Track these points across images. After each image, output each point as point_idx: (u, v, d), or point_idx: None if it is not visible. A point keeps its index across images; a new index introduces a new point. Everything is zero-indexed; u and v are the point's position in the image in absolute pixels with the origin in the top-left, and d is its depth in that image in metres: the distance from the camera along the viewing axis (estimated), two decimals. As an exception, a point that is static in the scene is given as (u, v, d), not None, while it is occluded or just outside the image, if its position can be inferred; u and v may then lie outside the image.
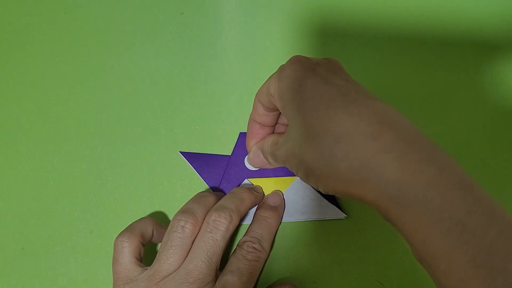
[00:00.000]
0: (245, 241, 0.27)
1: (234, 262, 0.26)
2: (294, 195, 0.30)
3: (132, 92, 0.35)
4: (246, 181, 0.31)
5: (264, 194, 0.30)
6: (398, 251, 0.30)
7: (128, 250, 0.25)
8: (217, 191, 0.31)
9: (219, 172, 0.31)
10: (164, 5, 0.37)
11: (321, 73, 0.22)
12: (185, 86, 0.35)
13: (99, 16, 0.37)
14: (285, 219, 0.30)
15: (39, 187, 0.32)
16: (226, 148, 0.33)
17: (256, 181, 0.31)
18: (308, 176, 0.22)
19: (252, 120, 0.28)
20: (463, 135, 0.34)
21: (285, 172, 0.31)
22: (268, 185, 0.31)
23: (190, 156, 0.32)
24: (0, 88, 0.35)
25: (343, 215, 0.30)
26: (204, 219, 0.26)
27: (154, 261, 0.25)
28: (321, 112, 0.20)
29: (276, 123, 0.28)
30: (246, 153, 0.31)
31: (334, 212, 0.30)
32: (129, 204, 0.31)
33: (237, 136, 0.32)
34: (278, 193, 0.30)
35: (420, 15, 0.37)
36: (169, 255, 0.24)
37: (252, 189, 0.30)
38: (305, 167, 0.21)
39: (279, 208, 0.29)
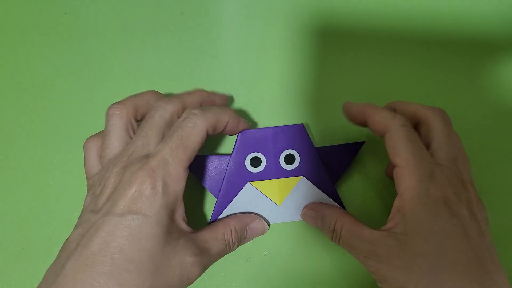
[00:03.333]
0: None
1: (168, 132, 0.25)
2: (297, 195, 0.29)
3: (132, 92, 0.35)
4: (248, 185, 0.29)
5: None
6: (398, 251, 0.30)
7: (120, 122, 0.26)
8: (220, 198, 0.29)
9: (219, 178, 0.30)
10: (164, 5, 0.37)
11: (465, 216, 0.23)
12: (185, 86, 0.35)
13: (99, 16, 0.37)
14: (288, 219, 0.29)
15: (39, 187, 0.32)
16: (226, 148, 0.33)
17: (259, 184, 0.29)
18: None
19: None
20: (463, 135, 0.34)
21: (289, 172, 0.29)
22: (272, 187, 0.29)
23: None
24: (0, 88, 0.35)
25: None
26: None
27: None
28: (452, 276, 0.21)
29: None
30: (247, 153, 0.30)
31: None
32: (129, 204, 0.31)
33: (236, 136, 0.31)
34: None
35: (420, 15, 0.37)
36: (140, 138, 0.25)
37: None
38: None
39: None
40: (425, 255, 0.22)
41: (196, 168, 0.29)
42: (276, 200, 0.29)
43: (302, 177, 0.29)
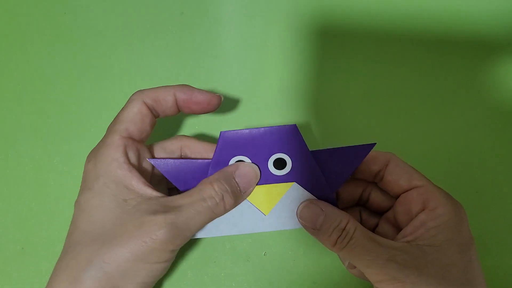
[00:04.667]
0: None
1: None
2: (290, 203, 0.26)
3: (132, 92, 0.35)
4: None
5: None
6: (398, 251, 0.30)
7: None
8: None
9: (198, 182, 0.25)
10: (164, 5, 0.37)
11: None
12: (185, 86, 0.35)
13: (99, 16, 0.37)
14: (282, 227, 0.26)
15: (39, 187, 0.32)
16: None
17: None
18: None
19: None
20: (463, 135, 0.34)
21: (278, 178, 0.26)
22: (258, 194, 0.25)
23: (162, 165, 0.25)
24: (0, 88, 0.35)
25: None
26: None
27: None
28: None
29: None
30: (230, 157, 0.25)
31: None
32: (129, 204, 0.31)
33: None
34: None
35: (420, 15, 0.37)
36: None
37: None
38: None
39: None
40: (458, 266, 0.22)
41: (174, 175, 0.25)
42: (262, 209, 0.26)
43: (294, 183, 0.26)
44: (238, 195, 0.24)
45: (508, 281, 0.30)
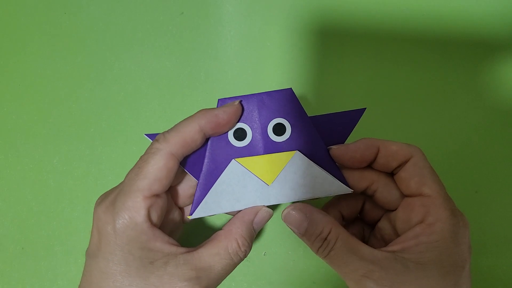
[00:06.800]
0: None
1: None
2: (293, 173, 0.25)
3: (132, 92, 0.35)
4: (233, 162, 0.25)
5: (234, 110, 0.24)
6: (398, 251, 0.30)
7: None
8: (201, 180, 0.25)
9: (200, 156, 0.25)
10: (164, 5, 0.37)
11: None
12: (185, 86, 0.35)
13: (99, 16, 0.37)
14: (282, 200, 0.25)
15: (39, 187, 0.32)
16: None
17: (246, 160, 0.25)
18: None
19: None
20: (463, 135, 0.34)
21: (280, 146, 0.25)
22: (260, 164, 0.25)
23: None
24: (0, 88, 0.35)
25: (349, 190, 0.25)
26: None
27: None
28: None
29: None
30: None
31: (339, 188, 0.25)
32: (129, 204, 0.31)
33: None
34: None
35: (420, 15, 0.37)
36: None
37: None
38: None
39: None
40: None
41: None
42: (265, 179, 0.25)
43: (296, 152, 0.25)
44: (253, 240, 0.25)
45: (508, 281, 0.30)
